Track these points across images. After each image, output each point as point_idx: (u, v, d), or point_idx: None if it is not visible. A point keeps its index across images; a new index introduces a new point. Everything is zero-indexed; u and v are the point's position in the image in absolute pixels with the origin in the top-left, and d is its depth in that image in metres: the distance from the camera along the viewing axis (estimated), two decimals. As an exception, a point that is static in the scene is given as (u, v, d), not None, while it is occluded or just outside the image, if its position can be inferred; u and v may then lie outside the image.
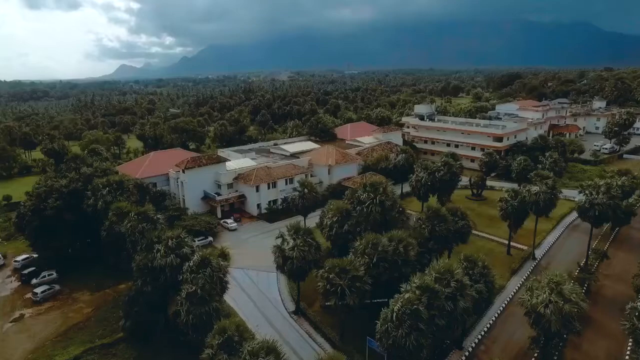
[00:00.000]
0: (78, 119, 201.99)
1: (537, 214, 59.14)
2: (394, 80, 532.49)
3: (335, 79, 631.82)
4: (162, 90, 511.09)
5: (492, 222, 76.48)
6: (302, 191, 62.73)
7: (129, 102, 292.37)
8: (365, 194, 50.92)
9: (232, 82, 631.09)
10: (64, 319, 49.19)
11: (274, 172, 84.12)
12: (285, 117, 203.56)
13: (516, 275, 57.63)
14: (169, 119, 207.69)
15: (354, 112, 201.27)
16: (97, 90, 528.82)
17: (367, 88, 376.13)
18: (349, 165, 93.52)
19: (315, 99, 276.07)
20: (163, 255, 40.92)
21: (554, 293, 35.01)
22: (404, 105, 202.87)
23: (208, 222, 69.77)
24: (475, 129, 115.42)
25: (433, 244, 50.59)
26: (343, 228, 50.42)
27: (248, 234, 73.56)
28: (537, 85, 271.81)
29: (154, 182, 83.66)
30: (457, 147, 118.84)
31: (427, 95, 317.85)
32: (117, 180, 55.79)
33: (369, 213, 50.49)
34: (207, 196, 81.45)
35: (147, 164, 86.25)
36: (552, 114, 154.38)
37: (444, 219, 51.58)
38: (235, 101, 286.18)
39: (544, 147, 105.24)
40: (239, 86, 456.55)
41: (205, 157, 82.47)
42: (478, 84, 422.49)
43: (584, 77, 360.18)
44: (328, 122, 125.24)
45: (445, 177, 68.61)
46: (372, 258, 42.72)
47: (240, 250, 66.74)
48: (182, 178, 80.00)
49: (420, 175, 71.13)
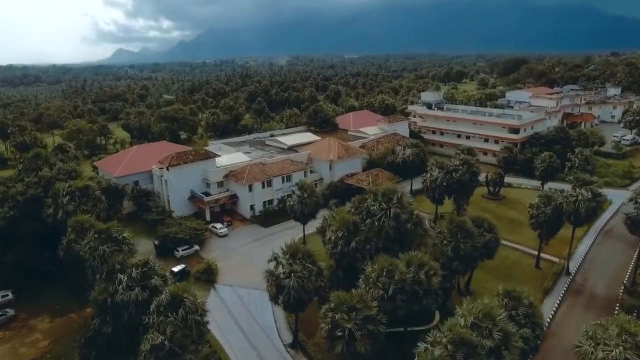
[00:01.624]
0: (66, 106, 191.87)
1: (576, 225, 50.76)
2: (395, 65, 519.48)
3: (335, 63, 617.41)
4: (158, 75, 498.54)
5: (514, 227, 68.36)
6: (302, 196, 54.11)
7: (121, 88, 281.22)
8: (377, 204, 42.41)
9: (230, 66, 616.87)
10: (13, 356, 40.94)
11: (270, 169, 75.46)
12: (283, 104, 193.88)
13: (550, 296, 49.50)
14: (160, 106, 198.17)
15: (355, 99, 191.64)
16: (91, 75, 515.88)
17: (367, 73, 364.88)
18: (353, 160, 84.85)
19: (314, 84, 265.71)
20: (126, 289, 32.58)
21: (631, 349, 26.76)
22: (408, 92, 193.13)
23: (194, 229, 61.31)
24: (489, 119, 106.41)
25: (457, 264, 42.44)
26: (350, 245, 42.04)
27: (240, 240, 65.17)
28: (545, 70, 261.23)
29: (135, 180, 75.31)
30: (468, 139, 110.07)
31: (430, 80, 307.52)
32: (81, 186, 47.00)
33: (380, 227, 42.07)
34: (194, 196, 72.94)
35: (128, 160, 77.48)
36: (566, 102, 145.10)
37: (470, 233, 43.31)
38: (232, 87, 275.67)
39: (564, 139, 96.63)
40: (236, 71, 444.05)
41: (192, 153, 73.66)
42: (481, 69, 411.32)
43: (590, 62, 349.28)
44: (328, 110, 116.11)
45: (464, 178, 60.03)
46: (387, 289, 34.49)
47: (230, 262, 58.52)
48: (166, 176, 71.35)
49: (434, 174, 62.56)
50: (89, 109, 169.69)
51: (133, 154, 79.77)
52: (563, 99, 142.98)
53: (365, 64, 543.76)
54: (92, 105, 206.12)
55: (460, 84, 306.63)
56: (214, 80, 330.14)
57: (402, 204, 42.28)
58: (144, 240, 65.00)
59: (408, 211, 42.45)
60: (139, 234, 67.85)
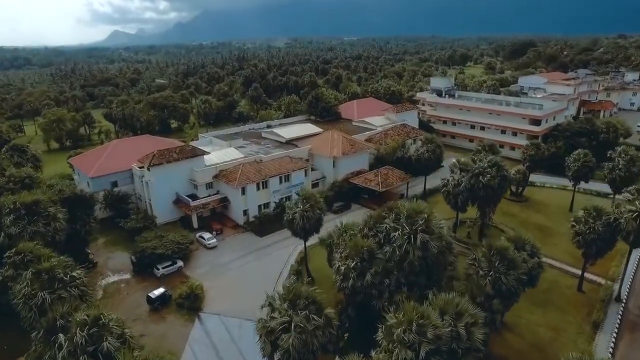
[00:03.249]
0: (51, 92, 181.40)
1: (634, 247, 42.18)
2: (396, 47, 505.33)
3: (334, 45, 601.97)
4: (153, 58, 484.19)
5: (544, 236, 59.83)
6: (304, 208, 45.25)
7: (112, 72, 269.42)
8: (400, 229, 33.63)
9: (227, 49, 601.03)
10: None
11: (266, 168, 66.47)
12: (281, 89, 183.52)
13: (602, 331, 41.05)
14: (152, 92, 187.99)
15: (357, 83, 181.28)
16: (84, 58, 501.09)
17: (368, 56, 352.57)
18: (359, 155, 75.86)
19: (313, 68, 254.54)
20: (67, 357, 24.02)
21: None
22: (413, 77, 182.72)
23: (177, 243, 52.58)
24: (507, 109, 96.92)
25: (498, 303, 33.94)
26: (364, 279, 33.51)
27: (231, 253, 56.50)
28: (555, 54, 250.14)
29: (113, 181, 66.42)
30: (483, 130, 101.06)
31: (434, 64, 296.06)
32: (29, 201, 37.84)
33: (403, 257, 33.43)
34: (180, 200, 64.12)
35: (106, 157, 68.29)
36: (583, 89, 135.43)
37: (513, 262, 34.78)
38: (228, 70, 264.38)
39: (590, 131, 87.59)
40: (232, 54, 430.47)
41: (176, 151, 64.43)
42: (485, 52, 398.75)
43: (598, 45, 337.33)
44: (330, 97, 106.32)
45: (492, 183, 51.20)
46: (418, 349, 26.02)
47: (219, 282, 50.06)
48: (148, 177, 62.36)
49: (457, 177, 53.76)
50: (73, 95, 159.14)
51: (111, 150, 70.47)
52: (581, 85, 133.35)
53: (365, 47, 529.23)
54: (80, 90, 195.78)
55: (465, 67, 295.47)
56: (209, 63, 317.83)
57: (430, 227, 33.54)
58: (120, 254, 56.56)
59: (438, 236, 33.71)
60: (115, 244, 59.42)
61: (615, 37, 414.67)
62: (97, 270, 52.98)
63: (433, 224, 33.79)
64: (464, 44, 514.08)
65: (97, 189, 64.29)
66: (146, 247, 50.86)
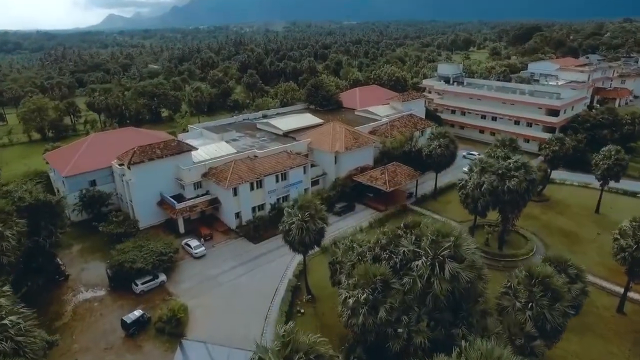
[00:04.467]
0: (37, 78, 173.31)
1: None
2: (396, 32, 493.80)
3: (334, 29, 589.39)
4: (148, 42, 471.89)
5: (571, 242, 53.86)
6: (302, 218, 38.63)
7: (103, 57, 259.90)
8: (423, 256, 27.19)
9: (224, 33, 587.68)
10: None
11: (260, 165, 59.78)
12: (279, 75, 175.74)
13: (654, 366, 35.10)
14: (144, 78, 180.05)
15: (358, 69, 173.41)
16: (77, 43, 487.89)
17: (369, 40, 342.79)
18: (363, 150, 69.16)
19: (312, 53, 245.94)
20: None
21: None
22: (417, 62, 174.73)
23: (159, 254, 46.13)
24: (522, 98, 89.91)
25: (542, 345, 27.70)
26: (377, 315, 27.25)
27: (221, 264, 50.11)
28: (562, 39, 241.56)
29: (91, 180, 59.75)
30: (495, 120, 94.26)
31: (436, 49, 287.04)
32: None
33: (426, 287, 27.06)
34: (165, 201, 57.57)
35: (82, 153, 61.45)
36: (597, 75, 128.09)
37: (559, 294, 28.51)
38: (223, 55, 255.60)
39: (613, 123, 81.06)
40: (229, 38, 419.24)
41: (160, 146, 57.53)
42: (488, 36, 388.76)
43: (603, 30, 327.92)
44: (330, 85, 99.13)
45: (519, 187, 44.67)
46: None
47: (206, 300, 43.80)
48: (128, 176, 55.70)
49: (477, 179, 47.20)
50: (58, 82, 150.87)
51: (89, 145, 63.54)
52: (595, 72, 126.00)
53: (365, 31, 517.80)
54: (70, 76, 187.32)
55: (468, 52, 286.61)
56: (205, 48, 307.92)
57: (460, 252, 27.12)
58: (97, 264, 50.12)
59: (471, 263, 27.26)
60: (92, 252, 53.02)
61: (621, 21, 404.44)
62: (68, 285, 46.71)
63: (463, 249, 27.34)
64: (465, 29, 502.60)
65: (73, 189, 57.80)
66: (123, 261, 44.41)
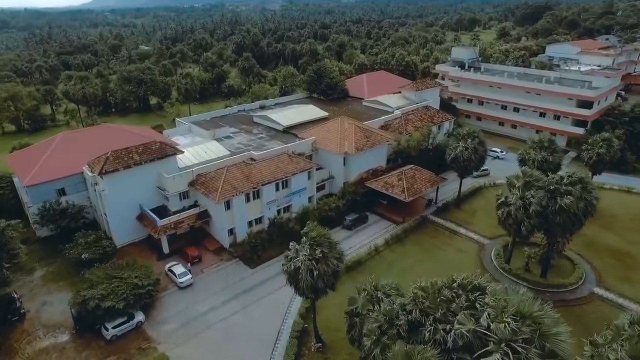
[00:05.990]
0: (19, 60, 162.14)
1: None
2: (397, 10, 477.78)
3: (332, 8, 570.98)
4: (140, 21, 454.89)
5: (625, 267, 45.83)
6: (312, 256, 29.99)
7: (91, 38, 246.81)
8: (493, 342, 18.71)
9: (219, 11, 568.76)
10: None
11: (257, 172, 50.84)
12: (277, 58, 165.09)
13: None
14: (134, 60, 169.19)
15: (361, 51, 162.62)
16: (67, 21, 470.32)
17: (370, 20, 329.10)
18: (375, 150, 60.15)
19: (312, 33, 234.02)
20: None
21: None
22: (424, 44, 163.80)
23: (134, 287, 37.59)
24: (549, 88, 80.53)
25: None
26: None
27: (210, 298, 41.55)
28: (576, 19, 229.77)
29: (60, 188, 50.75)
30: (517, 112, 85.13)
31: (440, 29, 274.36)
32: None
33: None
34: (145, 215, 48.81)
35: (49, 156, 52.33)
36: (622, 59, 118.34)
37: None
38: (218, 36, 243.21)
39: (654, 116, 72.15)
40: (224, 17, 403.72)
41: (139, 150, 48.29)
42: (494, 16, 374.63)
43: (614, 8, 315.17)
44: (334, 70, 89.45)
45: (575, 208, 36.03)
46: None
47: (191, 350, 35.43)
48: (101, 186, 46.81)
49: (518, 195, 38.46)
50: (38, 66, 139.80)
51: (57, 146, 54.26)
52: (620, 56, 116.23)
53: (365, 9, 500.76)
54: (55, 58, 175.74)
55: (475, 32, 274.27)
56: (199, 27, 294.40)
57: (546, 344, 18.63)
58: (62, 296, 41.41)
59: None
60: (57, 279, 44.41)
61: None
62: (23, 327, 38.19)
63: (551, 340, 18.78)
64: (467, 7, 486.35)
65: (37, 200, 48.89)
66: (89, 298, 35.91)
